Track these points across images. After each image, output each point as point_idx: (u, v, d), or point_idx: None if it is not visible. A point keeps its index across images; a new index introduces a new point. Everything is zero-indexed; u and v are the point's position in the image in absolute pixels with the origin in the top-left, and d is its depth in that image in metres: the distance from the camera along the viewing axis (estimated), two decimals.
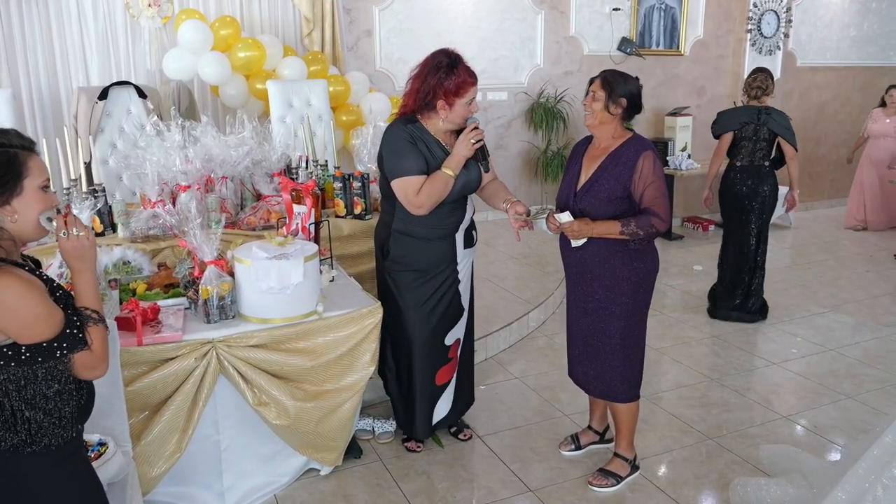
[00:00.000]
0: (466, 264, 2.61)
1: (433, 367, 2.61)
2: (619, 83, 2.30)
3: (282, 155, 3.24)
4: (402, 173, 2.36)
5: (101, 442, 1.87)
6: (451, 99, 2.34)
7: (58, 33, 4.40)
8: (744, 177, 3.90)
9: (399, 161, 2.37)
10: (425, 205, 2.36)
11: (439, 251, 2.49)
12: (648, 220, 2.26)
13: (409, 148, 2.37)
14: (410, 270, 2.50)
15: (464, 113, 2.38)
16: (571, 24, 6.03)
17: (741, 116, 3.89)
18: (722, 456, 2.70)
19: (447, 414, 2.72)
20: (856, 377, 3.41)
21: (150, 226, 2.75)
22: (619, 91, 2.29)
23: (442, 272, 2.52)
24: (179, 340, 2.10)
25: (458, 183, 2.40)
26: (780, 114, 3.88)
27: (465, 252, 2.58)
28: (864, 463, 1.79)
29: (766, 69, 4.02)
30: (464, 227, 2.55)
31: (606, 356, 2.43)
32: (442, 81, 2.32)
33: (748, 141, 3.87)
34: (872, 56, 7.38)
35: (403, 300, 2.54)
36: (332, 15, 4.98)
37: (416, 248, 2.48)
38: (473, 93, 2.37)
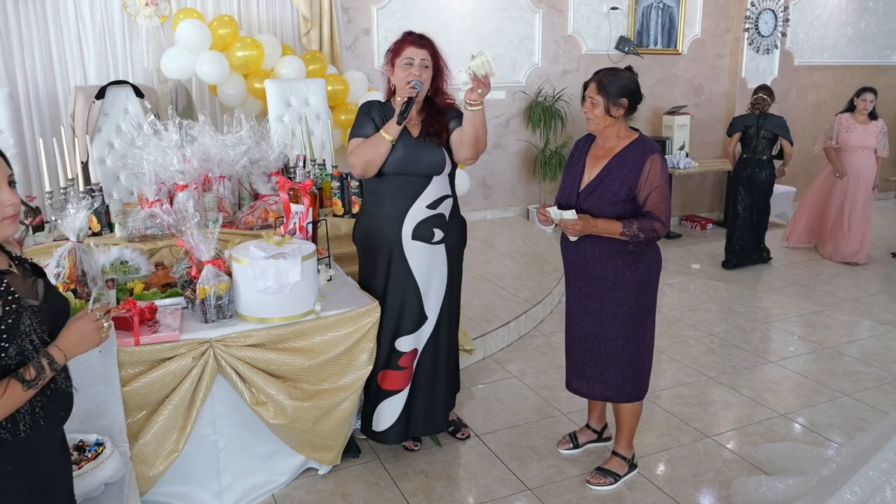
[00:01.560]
0: (423, 262, 2.44)
1: (379, 364, 2.48)
2: (614, 83, 2.28)
3: (279, 154, 3.23)
4: (350, 137, 2.46)
5: (99, 442, 1.87)
6: (393, 61, 2.41)
7: (55, 32, 4.39)
8: (747, 165, 5.14)
9: (353, 129, 2.47)
10: (355, 164, 2.39)
11: (384, 229, 2.44)
12: (651, 224, 2.25)
13: (363, 117, 2.45)
14: (363, 249, 2.57)
15: (402, 74, 2.37)
16: (569, 23, 6.03)
17: (746, 121, 5.13)
18: (720, 454, 2.71)
19: (391, 426, 2.54)
20: (853, 375, 3.42)
21: (148, 225, 2.75)
22: (616, 92, 2.28)
23: (388, 257, 2.44)
24: (177, 340, 2.10)
25: (398, 152, 2.36)
26: (777, 117, 5.07)
27: (416, 245, 2.42)
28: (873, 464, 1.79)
29: (767, 87, 5.17)
30: (416, 215, 2.40)
31: (609, 357, 2.42)
32: (389, 50, 2.44)
33: (752, 139, 5.09)
34: (869, 55, 7.40)
35: (364, 284, 2.58)
36: (330, 14, 4.98)
37: (364, 224, 2.54)
38: (411, 53, 2.37)
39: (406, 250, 2.43)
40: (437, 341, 2.56)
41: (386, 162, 2.38)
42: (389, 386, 2.54)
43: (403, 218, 2.41)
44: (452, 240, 2.51)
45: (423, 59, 2.38)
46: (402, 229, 2.42)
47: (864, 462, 1.85)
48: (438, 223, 2.45)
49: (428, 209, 2.42)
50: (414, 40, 2.40)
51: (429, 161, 2.40)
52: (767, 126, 5.01)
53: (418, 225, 2.42)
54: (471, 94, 2.29)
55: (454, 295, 2.61)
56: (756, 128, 5.04)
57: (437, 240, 2.45)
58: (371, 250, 2.51)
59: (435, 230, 2.44)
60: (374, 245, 2.49)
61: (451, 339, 2.64)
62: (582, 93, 2.37)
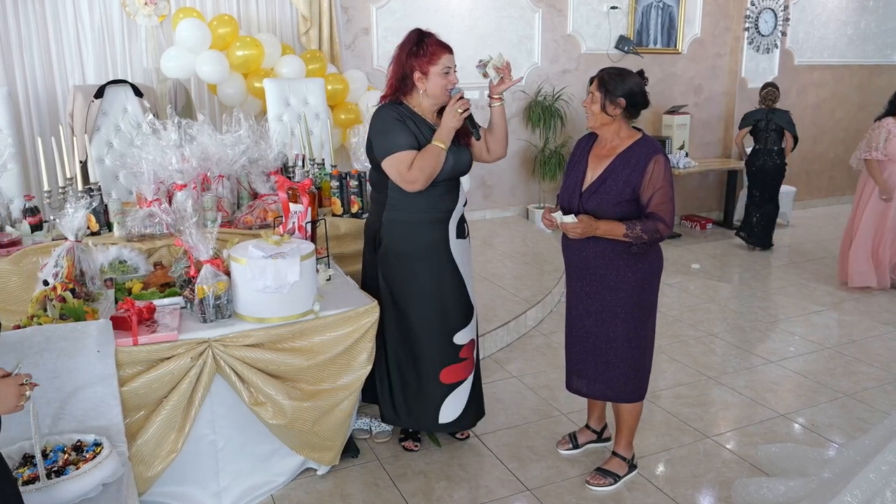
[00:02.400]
0: (463, 257, 2.56)
1: (439, 364, 2.53)
2: (616, 82, 2.27)
3: (278, 153, 3.23)
4: (393, 150, 2.34)
5: (97, 442, 1.87)
6: (426, 68, 2.36)
7: (54, 31, 4.38)
8: (759, 156, 5.61)
9: (388, 139, 2.35)
10: (419, 179, 2.32)
11: (432, 235, 2.46)
12: (654, 226, 2.23)
13: (397, 125, 2.36)
14: (405, 258, 2.47)
15: (441, 83, 2.37)
16: (569, 22, 6.03)
17: (755, 115, 5.62)
18: (720, 454, 2.70)
19: (456, 418, 2.60)
20: (853, 375, 3.42)
21: (146, 225, 2.74)
22: (616, 91, 2.26)
23: (437, 259, 2.48)
24: (175, 340, 2.09)
25: (449, 160, 2.38)
26: (784, 112, 5.55)
27: (459, 242, 2.52)
28: (873, 467, 1.78)
29: (774, 83, 5.66)
30: (456, 215, 2.51)
31: (610, 357, 2.41)
32: (414, 53, 2.37)
33: (761, 132, 5.57)
34: (869, 54, 7.39)
35: (400, 292, 2.50)
36: (329, 13, 4.97)
37: (408, 233, 2.46)
38: (448, 61, 2.37)
39: (453, 249, 2.51)
40: (478, 333, 2.71)
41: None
42: (452, 379, 2.57)
43: (449, 220, 2.48)
44: (469, 229, 2.65)
45: (453, 67, 2.41)
46: (449, 230, 2.48)
47: (864, 464, 1.84)
48: (465, 218, 2.60)
49: (463, 207, 2.55)
50: (444, 45, 2.39)
51: (468, 163, 2.51)
52: (775, 119, 5.49)
53: (458, 223, 2.52)
54: (500, 86, 2.44)
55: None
56: (765, 121, 5.51)
57: (468, 233, 2.61)
58: (415, 257, 2.47)
59: (465, 225, 2.59)
60: (419, 252, 2.46)
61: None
62: (588, 88, 2.37)
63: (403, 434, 2.75)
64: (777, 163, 5.55)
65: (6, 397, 1.36)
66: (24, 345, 1.90)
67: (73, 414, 1.96)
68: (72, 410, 1.96)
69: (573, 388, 2.58)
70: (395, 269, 2.50)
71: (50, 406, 1.93)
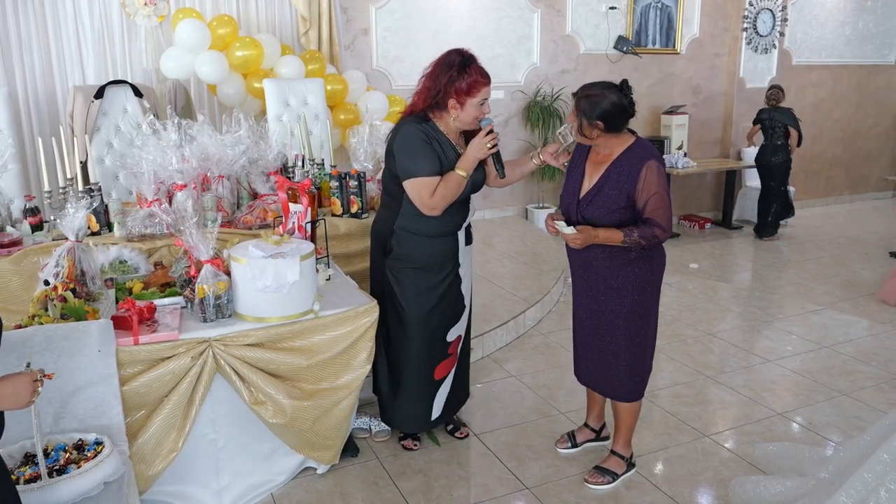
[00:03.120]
0: (467, 263, 2.63)
1: (432, 363, 2.62)
2: (591, 106, 2.22)
3: (278, 154, 3.24)
4: (417, 174, 2.35)
5: (98, 441, 1.88)
6: (463, 98, 2.34)
7: (54, 32, 4.39)
8: (765, 151, 6.01)
9: (414, 161, 2.35)
10: (439, 206, 2.37)
11: (442, 248, 2.51)
12: (651, 231, 2.25)
13: (424, 148, 2.35)
14: (413, 268, 2.50)
15: (475, 113, 2.37)
16: (568, 22, 6.04)
17: (762, 114, 6.01)
18: (718, 453, 2.71)
19: (442, 412, 2.72)
20: (850, 374, 3.43)
21: (147, 225, 2.75)
22: (592, 114, 2.22)
23: (444, 270, 2.53)
24: (176, 339, 2.10)
25: (468, 183, 2.43)
26: (786, 110, 5.92)
27: (466, 249, 2.61)
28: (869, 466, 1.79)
29: (778, 86, 6.02)
30: (465, 225, 2.58)
31: (612, 356, 2.43)
32: (454, 80, 2.32)
33: (767, 129, 5.96)
34: (867, 54, 7.41)
35: (405, 297, 2.54)
36: (328, 14, 4.98)
37: (419, 246, 2.48)
38: (486, 93, 2.37)
39: (461, 257, 2.57)
40: (468, 324, 2.75)
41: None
42: (441, 374, 2.67)
43: (460, 230, 2.54)
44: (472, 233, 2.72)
45: (487, 98, 2.40)
46: (460, 240, 2.55)
47: (860, 463, 1.85)
48: (470, 223, 2.65)
49: (471, 217, 2.62)
50: (485, 75, 2.36)
51: (482, 182, 2.57)
52: (778, 117, 5.87)
53: (466, 232, 2.59)
54: (555, 160, 2.51)
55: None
56: (769, 119, 5.90)
57: (473, 239, 2.69)
58: (425, 266, 2.50)
59: (471, 231, 2.66)
60: (429, 261, 2.50)
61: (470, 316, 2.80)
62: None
63: (403, 433, 2.76)
64: (781, 158, 5.92)
65: (21, 392, 1.39)
66: (26, 344, 1.91)
67: (74, 413, 1.97)
68: (73, 410, 1.97)
69: (580, 376, 2.62)
70: (404, 274, 2.52)
71: (51, 405, 1.94)
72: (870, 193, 7.91)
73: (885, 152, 7.87)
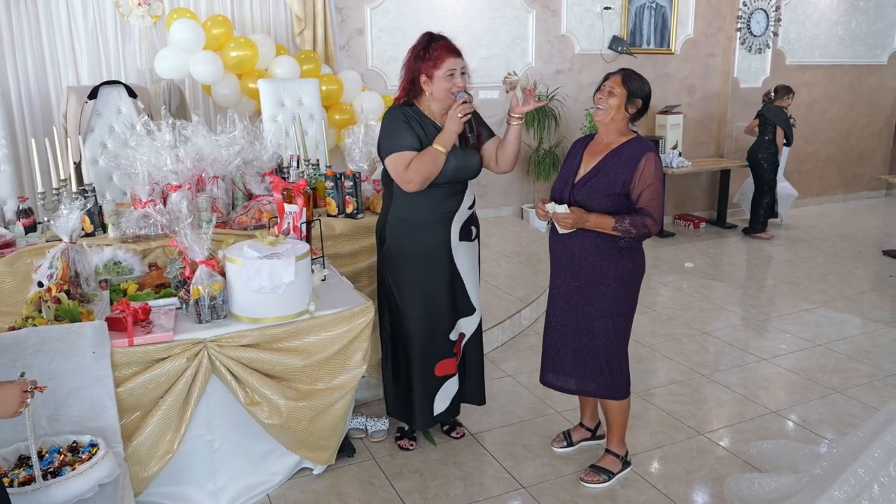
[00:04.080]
0: (467, 259, 2.58)
1: (432, 359, 2.59)
2: (638, 83, 2.34)
3: (273, 154, 3.23)
4: (394, 149, 2.39)
5: (93, 443, 1.87)
6: (430, 72, 2.38)
7: (47, 32, 4.37)
8: (755, 147, 6.15)
9: (392, 139, 2.41)
10: (414, 180, 2.36)
11: (432, 236, 2.49)
12: (642, 221, 2.28)
13: (402, 126, 2.41)
14: (405, 256, 2.50)
15: (445, 85, 2.38)
16: (562, 22, 6.05)
17: (759, 112, 6.17)
18: (713, 451, 2.72)
19: (446, 409, 2.69)
20: (844, 372, 3.45)
21: (141, 226, 2.74)
22: (637, 92, 2.33)
23: (437, 259, 2.51)
24: (171, 340, 2.10)
25: (451, 163, 2.40)
26: (775, 108, 6.02)
27: (462, 245, 2.55)
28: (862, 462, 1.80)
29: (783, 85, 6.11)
30: (460, 218, 2.52)
31: (585, 352, 2.44)
32: (420, 58, 2.40)
33: (760, 126, 6.12)
34: (860, 54, 7.44)
35: (400, 290, 2.54)
36: (323, 14, 4.98)
37: (409, 233, 2.49)
38: (453, 64, 2.38)
39: (454, 252, 2.53)
40: (480, 326, 2.73)
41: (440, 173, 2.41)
42: (444, 372, 2.65)
43: (451, 222, 2.50)
44: (478, 232, 2.67)
45: (463, 68, 2.41)
46: (451, 233, 2.51)
47: (853, 460, 1.86)
48: (474, 221, 2.62)
49: (468, 210, 2.56)
50: (451, 49, 2.39)
51: (475, 167, 2.51)
52: (767, 114, 6.01)
53: (462, 226, 2.53)
54: (523, 108, 2.47)
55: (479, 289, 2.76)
56: (762, 115, 6.07)
57: (474, 236, 2.62)
58: (414, 257, 2.50)
59: (472, 228, 2.60)
60: (419, 252, 2.50)
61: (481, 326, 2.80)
62: (601, 83, 2.39)
63: (399, 433, 2.76)
64: (766, 153, 6.03)
65: (10, 401, 1.38)
66: (20, 346, 1.90)
67: (68, 415, 1.96)
68: (67, 411, 1.96)
69: (547, 381, 2.59)
70: (397, 267, 2.54)
71: (45, 407, 1.93)
72: (863, 192, 7.95)
73: (878, 152, 7.91)
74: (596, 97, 2.38)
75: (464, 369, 2.74)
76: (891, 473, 1.71)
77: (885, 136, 7.91)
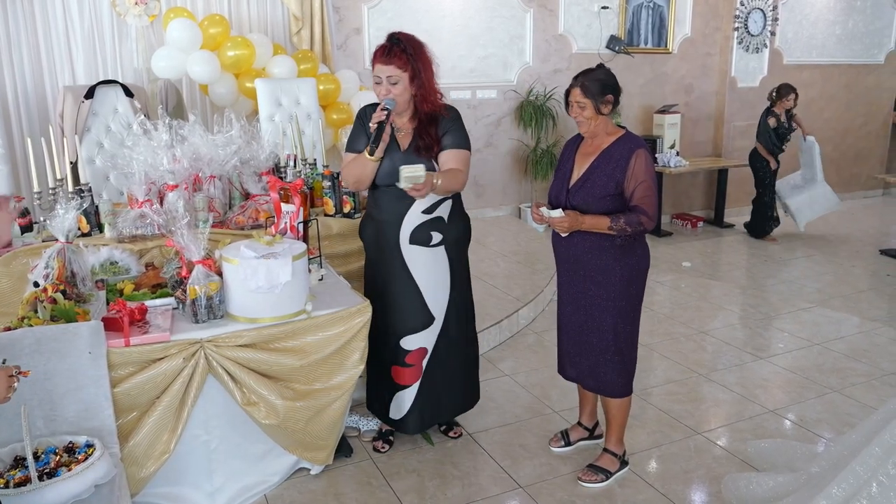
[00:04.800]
0: (425, 266, 2.49)
1: (386, 359, 2.59)
2: (595, 84, 2.31)
3: (270, 154, 3.23)
4: (346, 149, 2.53)
5: (89, 443, 1.87)
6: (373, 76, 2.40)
7: (43, 31, 4.35)
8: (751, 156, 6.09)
9: (349, 138, 2.53)
10: (347, 180, 2.48)
11: (385, 235, 2.49)
12: (637, 218, 2.28)
13: (358, 126, 2.50)
14: (368, 252, 2.63)
15: (376, 90, 2.39)
16: (560, 22, 6.05)
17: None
18: (710, 451, 2.72)
19: (400, 419, 2.63)
20: (841, 371, 3.45)
21: (138, 225, 2.73)
22: (600, 90, 2.31)
23: (387, 260, 2.50)
24: (167, 341, 2.09)
25: (385, 167, 2.37)
26: (764, 117, 5.88)
27: (416, 250, 2.47)
28: (860, 460, 1.80)
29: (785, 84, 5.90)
30: (411, 221, 2.43)
31: (599, 351, 2.45)
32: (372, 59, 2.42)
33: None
34: (857, 54, 7.45)
35: (366, 282, 2.66)
36: (321, 13, 4.97)
37: (369, 229, 2.58)
38: (378, 71, 2.34)
39: (405, 254, 2.49)
40: (448, 338, 2.61)
41: (377, 175, 2.41)
42: (400, 381, 2.61)
43: (400, 224, 2.46)
44: (452, 239, 2.53)
45: (390, 77, 2.32)
46: (400, 235, 2.47)
47: (851, 458, 1.86)
48: (436, 226, 2.48)
49: (424, 214, 2.46)
50: (382, 54, 2.33)
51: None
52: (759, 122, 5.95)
53: (415, 230, 2.46)
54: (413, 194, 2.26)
55: (461, 292, 2.63)
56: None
57: (435, 242, 2.49)
58: (376, 250, 2.58)
59: (433, 233, 2.48)
60: (380, 246, 2.55)
61: (464, 335, 2.68)
62: (566, 100, 2.39)
63: (377, 433, 2.76)
64: (755, 158, 5.98)
65: None
66: (15, 347, 1.90)
67: (64, 415, 1.95)
68: (63, 412, 1.96)
69: (566, 374, 2.62)
70: (366, 260, 2.66)
71: (41, 408, 1.93)
72: (860, 192, 7.96)
73: (875, 151, 7.92)
74: (570, 113, 2.38)
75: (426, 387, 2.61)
76: (889, 472, 1.70)
77: (882, 136, 7.92)
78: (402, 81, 2.33)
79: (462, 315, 2.66)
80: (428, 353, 2.59)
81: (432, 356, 2.60)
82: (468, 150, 2.45)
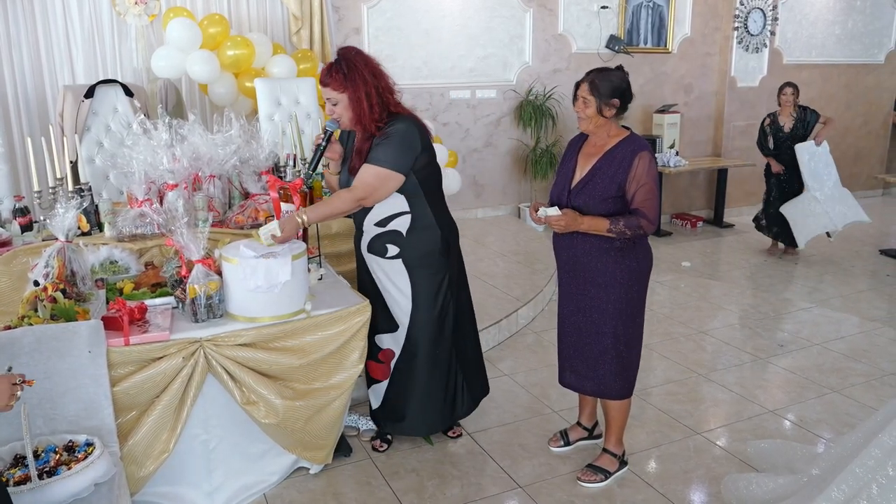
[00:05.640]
0: (387, 275, 2.50)
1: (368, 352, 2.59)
2: (605, 84, 2.29)
3: (269, 153, 3.23)
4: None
5: (88, 442, 1.87)
6: None
7: (43, 31, 4.36)
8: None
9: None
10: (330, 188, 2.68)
11: (356, 238, 2.62)
12: (637, 221, 2.27)
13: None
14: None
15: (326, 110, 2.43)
16: (560, 21, 6.05)
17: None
18: (710, 451, 2.73)
19: (377, 409, 2.69)
20: (841, 371, 3.45)
21: (137, 225, 2.73)
22: (608, 92, 2.29)
23: (359, 260, 2.62)
24: (167, 340, 2.09)
25: (343, 175, 2.50)
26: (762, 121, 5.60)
27: (371, 258, 2.51)
28: (860, 461, 1.80)
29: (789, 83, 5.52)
30: (367, 231, 2.48)
31: (598, 353, 2.44)
32: None
33: None
34: (857, 54, 7.45)
35: None
36: (320, 13, 4.97)
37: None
38: (322, 92, 2.38)
39: (367, 260, 2.57)
40: (411, 353, 2.56)
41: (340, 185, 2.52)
42: (374, 374, 2.66)
43: (361, 231, 2.55)
44: (412, 256, 2.46)
45: (329, 98, 2.34)
46: (362, 242, 2.56)
47: (851, 459, 1.86)
48: (392, 239, 2.46)
49: (377, 227, 2.46)
50: (323, 75, 2.33)
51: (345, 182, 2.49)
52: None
53: (372, 240, 2.51)
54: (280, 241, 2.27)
55: (426, 314, 2.50)
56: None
57: (391, 255, 2.47)
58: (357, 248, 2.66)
59: (388, 246, 2.47)
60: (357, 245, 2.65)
61: (432, 360, 2.55)
62: (574, 92, 2.38)
63: (376, 433, 2.76)
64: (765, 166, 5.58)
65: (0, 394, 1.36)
66: (15, 346, 1.90)
67: (64, 414, 1.96)
68: (63, 411, 1.96)
69: (566, 382, 2.60)
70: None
71: (41, 406, 1.93)
72: (860, 192, 7.93)
73: (875, 151, 7.92)
74: (574, 107, 2.37)
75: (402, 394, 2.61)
76: (889, 473, 1.70)
77: (882, 136, 7.92)
78: (341, 102, 2.33)
79: (426, 337, 2.52)
80: (395, 356, 2.60)
81: (399, 362, 2.60)
82: (379, 167, 2.31)
